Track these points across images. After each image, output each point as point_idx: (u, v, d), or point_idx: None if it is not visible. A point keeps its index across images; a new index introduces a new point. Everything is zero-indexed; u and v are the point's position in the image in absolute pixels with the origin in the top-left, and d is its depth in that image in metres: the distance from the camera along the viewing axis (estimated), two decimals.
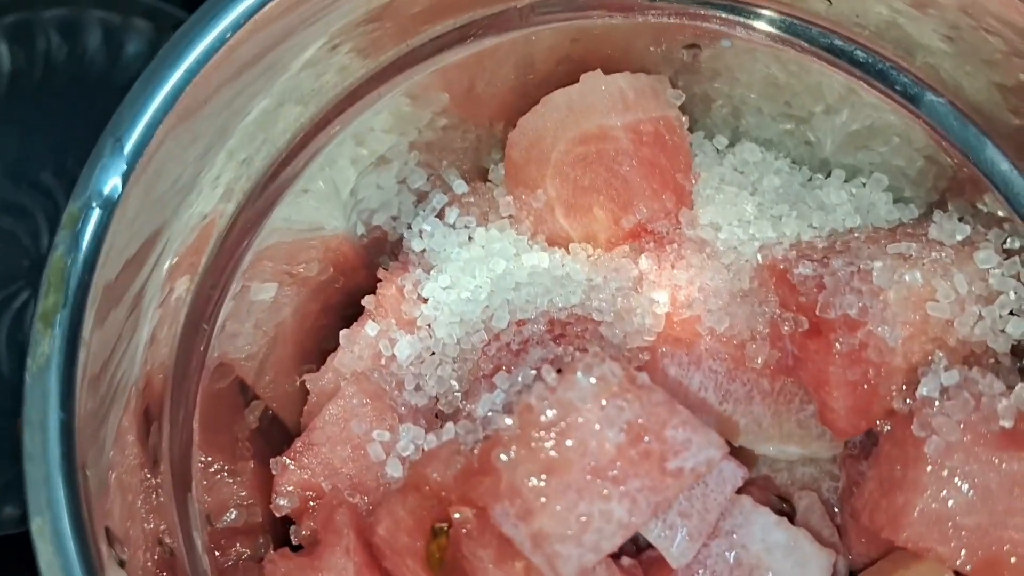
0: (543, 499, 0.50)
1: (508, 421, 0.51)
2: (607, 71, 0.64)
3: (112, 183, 0.47)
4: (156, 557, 0.50)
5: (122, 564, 0.46)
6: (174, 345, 0.55)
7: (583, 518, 0.50)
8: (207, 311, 0.58)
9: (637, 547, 0.62)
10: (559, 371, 0.51)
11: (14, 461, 0.95)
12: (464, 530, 0.53)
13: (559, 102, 0.64)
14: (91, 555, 0.44)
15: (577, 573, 0.50)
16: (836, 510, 0.63)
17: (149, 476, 0.52)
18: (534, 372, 0.57)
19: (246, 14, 0.50)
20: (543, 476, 0.50)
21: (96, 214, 0.47)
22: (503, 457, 0.50)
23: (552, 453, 0.50)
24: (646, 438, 0.50)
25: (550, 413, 0.50)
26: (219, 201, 0.56)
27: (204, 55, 0.50)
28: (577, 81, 0.65)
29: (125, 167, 0.48)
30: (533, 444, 0.50)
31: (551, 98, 0.65)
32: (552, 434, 0.50)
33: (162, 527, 0.52)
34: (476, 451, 0.54)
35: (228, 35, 0.50)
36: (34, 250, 1.02)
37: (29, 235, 1.03)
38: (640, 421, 0.50)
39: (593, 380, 0.50)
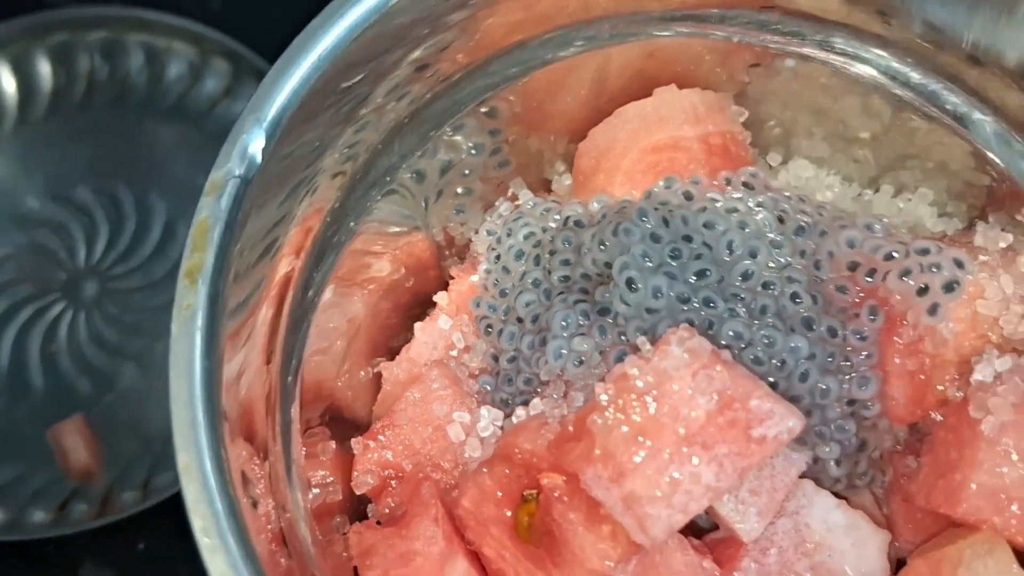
0: (635, 462, 0.53)
1: (602, 391, 0.55)
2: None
3: (252, 153, 0.52)
4: (275, 513, 0.53)
5: (255, 505, 0.49)
6: (287, 322, 0.59)
7: (673, 480, 0.53)
8: (310, 300, 0.62)
9: (696, 533, 0.65)
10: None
11: (45, 468, 0.97)
12: (555, 495, 0.56)
13: (631, 114, 0.69)
14: (231, 492, 0.47)
15: (665, 534, 0.54)
16: (882, 502, 0.67)
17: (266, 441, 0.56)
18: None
19: (371, 11, 0.55)
20: (636, 440, 0.53)
21: (236, 182, 0.51)
22: (599, 421, 0.54)
23: (646, 418, 0.53)
24: (734, 406, 0.54)
25: (645, 381, 0.54)
26: (328, 188, 0.60)
27: (331, 49, 0.55)
28: (644, 97, 0.70)
29: (264, 141, 0.52)
30: (628, 410, 0.54)
31: (624, 110, 0.69)
32: (646, 401, 0.54)
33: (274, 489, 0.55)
34: (567, 420, 0.57)
35: (356, 31, 0.55)
36: (70, 264, 1.05)
37: (65, 249, 1.06)
38: (728, 391, 0.54)
39: (685, 352, 0.54)
